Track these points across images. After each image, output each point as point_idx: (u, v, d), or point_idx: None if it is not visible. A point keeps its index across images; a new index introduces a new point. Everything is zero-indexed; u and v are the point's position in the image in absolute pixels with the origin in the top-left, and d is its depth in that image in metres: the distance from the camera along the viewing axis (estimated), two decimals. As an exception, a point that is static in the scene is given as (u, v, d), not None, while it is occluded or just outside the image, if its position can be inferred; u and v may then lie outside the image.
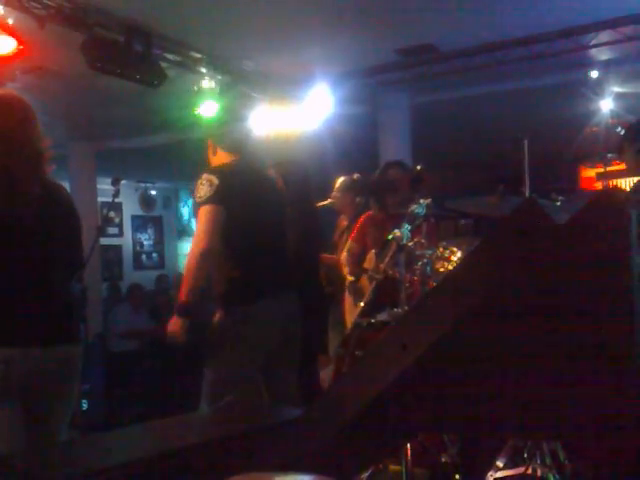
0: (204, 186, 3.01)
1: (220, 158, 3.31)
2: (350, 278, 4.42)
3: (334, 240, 5.26)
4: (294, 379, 3.31)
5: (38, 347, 2.37)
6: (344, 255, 4.66)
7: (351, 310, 4.44)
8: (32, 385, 2.36)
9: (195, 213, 3.11)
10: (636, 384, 1.20)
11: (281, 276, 3.19)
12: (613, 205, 1.16)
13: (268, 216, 3.19)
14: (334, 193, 5.27)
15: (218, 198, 2.98)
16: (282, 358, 3.21)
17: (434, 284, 3.05)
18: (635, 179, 3.34)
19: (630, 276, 1.14)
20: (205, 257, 2.93)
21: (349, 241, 4.67)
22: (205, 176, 3.04)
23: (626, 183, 3.54)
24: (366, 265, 4.13)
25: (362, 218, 4.62)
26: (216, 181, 3.00)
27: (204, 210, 2.99)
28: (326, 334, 4.90)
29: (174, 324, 2.99)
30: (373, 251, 4.06)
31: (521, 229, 1.16)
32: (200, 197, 3.01)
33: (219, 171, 3.13)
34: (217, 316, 3.12)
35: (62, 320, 2.49)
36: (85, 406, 5.78)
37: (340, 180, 5.29)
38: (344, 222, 5.29)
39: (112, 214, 12.45)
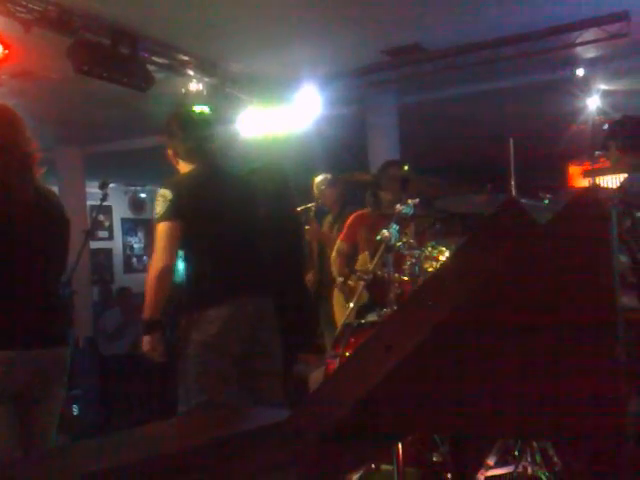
0: (159, 202, 3.04)
1: (182, 167, 3.29)
2: (339, 279, 4.42)
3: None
4: (277, 387, 3.25)
5: (35, 349, 2.40)
6: (333, 255, 4.67)
7: (341, 311, 4.46)
8: (27, 387, 2.40)
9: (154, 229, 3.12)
10: (620, 380, 1.21)
11: (247, 281, 3.14)
12: (594, 204, 1.17)
13: (231, 221, 3.16)
14: (320, 190, 5.30)
15: (172, 214, 3.00)
16: (256, 366, 3.17)
17: (422, 284, 3.05)
18: (621, 176, 3.37)
19: (612, 275, 1.15)
20: (164, 275, 2.98)
21: (338, 241, 4.67)
22: (160, 192, 3.07)
23: (612, 180, 3.56)
24: (359, 266, 4.14)
25: (351, 217, 4.62)
26: (169, 196, 3.01)
27: (160, 227, 3.02)
28: (316, 335, 4.90)
29: (144, 343, 3.05)
30: (366, 253, 4.08)
31: (503, 229, 1.17)
32: (157, 214, 3.05)
33: (173, 184, 3.12)
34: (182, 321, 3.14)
35: (55, 322, 2.53)
36: (76, 411, 5.75)
37: (322, 177, 5.33)
38: (329, 218, 5.34)
39: (101, 217, 12.42)
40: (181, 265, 3.19)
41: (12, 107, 2.56)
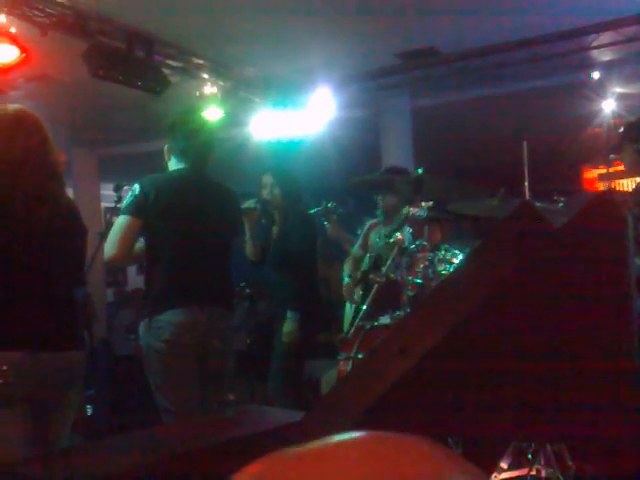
0: (128, 195, 3.08)
1: (171, 165, 3.29)
2: (347, 282, 4.46)
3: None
4: (220, 396, 3.24)
5: (46, 352, 2.38)
6: (348, 258, 4.71)
7: (349, 312, 4.49)
8: (38, 389, 2.37)
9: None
10: (636, 384, 1.20)
11: (203, 289, 3.10)
12: (610, 208, 1.16)
13: (198, 229, 3.13)
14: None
15: (135, 210, 3.03)
16: (206, 376, 3.14)
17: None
18: (636, 180, 3.35)
19: (627, 279, 1.15)
20: (109, 264, 3.05)
21: (355, 246, 4.73)
22: (134, 185, 3.10)
23: (628, 184, 3.54)
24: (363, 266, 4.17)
25: (367, 225, 4.68)
26: (137, 191, 3.05)
27: (120, 219, 3.07)
28: (330, 337, 4.91)
29: None
30: (368, 255, 4.11)
31: (518, 232, 1.16)
32: (123, 205, 3.10)
33: (147, 181, 3.13)
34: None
35: (68, 326, 2.51)
36: (90, 411, 5.78)
37: None
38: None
39: (116, 220, 12.46)
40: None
41: (35, 113, 2.53)
